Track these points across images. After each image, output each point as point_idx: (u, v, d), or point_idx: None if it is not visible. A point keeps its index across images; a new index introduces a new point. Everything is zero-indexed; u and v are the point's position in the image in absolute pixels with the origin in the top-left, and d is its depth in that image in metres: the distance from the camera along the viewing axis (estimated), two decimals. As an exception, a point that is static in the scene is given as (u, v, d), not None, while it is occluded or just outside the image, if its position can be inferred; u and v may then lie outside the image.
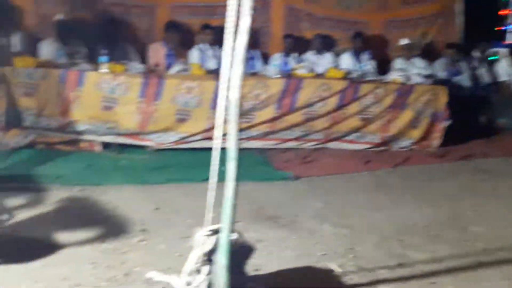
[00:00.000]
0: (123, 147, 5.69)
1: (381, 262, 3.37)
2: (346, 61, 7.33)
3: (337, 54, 7.52)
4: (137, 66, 6.00)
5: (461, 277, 3.24)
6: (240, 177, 2.54)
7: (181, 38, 6.80)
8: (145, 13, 6.85)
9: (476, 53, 8.43)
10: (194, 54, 6.73)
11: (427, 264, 3.40)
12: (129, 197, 4.33)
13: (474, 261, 3.47)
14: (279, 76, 6.22)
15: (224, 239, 2.53)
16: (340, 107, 6.29)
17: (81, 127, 5.53)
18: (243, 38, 2.39)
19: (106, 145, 5.64)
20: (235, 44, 2.43)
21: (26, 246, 3.31)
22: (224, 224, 2.54)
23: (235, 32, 2.45)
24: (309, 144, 6.30)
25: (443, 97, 6.58)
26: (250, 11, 2.35)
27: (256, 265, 3.05)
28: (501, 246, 3.74)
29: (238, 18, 2.41)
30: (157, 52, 6.67)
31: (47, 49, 6.10)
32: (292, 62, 7.11)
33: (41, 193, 4.29)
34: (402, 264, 3.37)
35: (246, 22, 2.37)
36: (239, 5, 2.37)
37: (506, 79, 7.98)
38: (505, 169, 6.05)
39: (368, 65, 7.27)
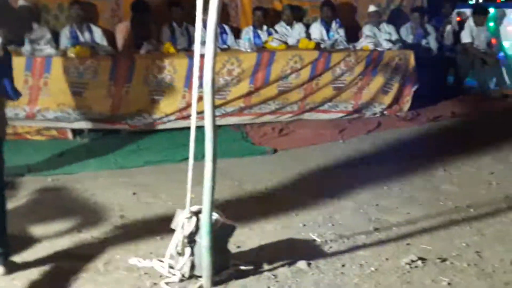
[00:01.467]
0: (96, 132, 5.64)
1: (358, 228, 3.49)
2: (316, 30, 7.32)
3: (307, 24, 7.52)
4: (105, 48, 5.94)
5: (435, 235, 3.39)
6: (218, 154, 2.59)
7: (149, 17, 6.70)
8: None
9: (441, 16, 8.49)
10: (163, 33, 6.66)
11: (402, 226, 3.54)
12: (105, 184, 4.31)
13: (446, 220, 3.65)
14: (251, 50, 6.21)
15: (205, 220, 2.58)
16: (313, 77, 6.31)
17: (50, 114, 5.42)
18: (214, 15, 2.41)
19: (78, 132, 5.58)
20: (205, 21, 2.45)
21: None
22: (205, 205, 2.60)
23: (205, 8, 2.46)
24: (284, 116, 6.34)
25: (411, 61, 6.67)
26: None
27: (238, 242, 3.13)
28: (470, 203, 3.93)
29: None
30: (125, 31, 6.58)
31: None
32: (263, 34, 7.09)
33: (12, 185, 4.16)
34: (378, 228, 3.50)
35: (214, 2, 2.38)
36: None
37: (471, 40, 8.06)
38: (471, 128, 6.26)
39: (338, 33, 7.28)
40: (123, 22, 6.63)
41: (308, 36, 7.19)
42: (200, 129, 2.62)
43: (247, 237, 3.27)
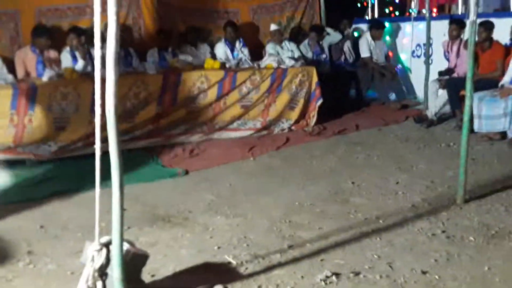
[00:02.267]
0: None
1: (273, 247, 3.53)
2: (221, 50, 7.44)
3: (212, 45, 7.60)
4: (4, 76, 5.69)
5: (347, 249, 3.48)
6: (128, 180, 2.55)
7: (51, 43, 6.49)
8: (8, 20, 6.48)
9: (339, 32, 8.86)
10: (64, 58, 6.47)
11: (316, 241, 3.61)
12: (10, 218, 4.10)
13: (357, 232, 3.75)
14: (157, 72, 6.18)
15: (115, 251, 2.53)
16: (220, 97, 6.40)
17: (-52, 148, 5.15)
18: (113, 45, 2.38)
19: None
20: (104, 50, 2.41)
21: None
22: (114, 236, 2.55)
23: (103, 36, 2.42)
24: (194, 137, 6.34)
25: (314, 77, 6.93)
26: (115, 17, 2.34)
27: (152, 270, 3.08)
28: (379, 215, 4.07)
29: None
30: (26, 59, 6.34)
31: None
32: (168, 56, 7.09)
33: None
34: (292, 245, 3.55)
35: (113, 29, 2.36)
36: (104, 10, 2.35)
37: (369, 54, 8.47)
38: (375, 139, 6.53)
39: (242, 52, 7.44)
40: (22, 49, 6.39)
41: (213, 56, 7.28)
42: (108, 155, 2.56)
43: (161, 265, 3.22)
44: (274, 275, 3.12)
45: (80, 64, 6.24)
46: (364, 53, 8.50)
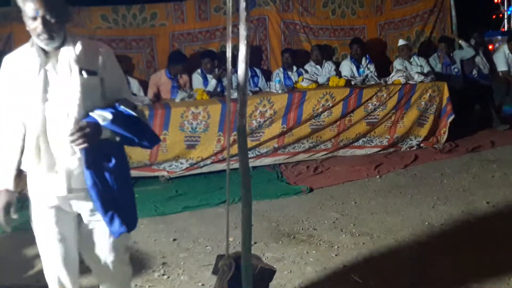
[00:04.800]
0: (135, 180, 5.75)
1: (401, 268, 3.41)
2: (346, 68, 7.39)
3: (337, 63, 7.59)
4: (141, 98, 6.10)
5: (488, 277, 3.25)
6: (254, 196, 2.59)
7: (185, 67, 6.84)
8: (145, 45, 6.98)
9: (472, 43, 8.39)
10: (196, 80, 6.81)
11: (449, 265, 3.42)
12: (146, 231, 4.37)
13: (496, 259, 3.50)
14: (282, 91, 6.28)
15: (244, 265, 2.58)
16: (345, 114, 6.34)
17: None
18: (243, 68, 2.47)
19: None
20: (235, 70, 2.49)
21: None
22: (243, 250, 2.60)
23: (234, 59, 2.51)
24: (319, 154, 6.35)
25: (445, 92, 6.62)
26: (246, 41, 2.42)
27: (278, 285, 3.11)
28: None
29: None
30: (160, 82, 6.75)
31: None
32: (293, 75, 7.19)
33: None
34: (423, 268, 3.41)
35: (243, 53, 2.44)
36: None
37: (505, 68, 7.94)
38: (512, 158, 6.07)
39: (368, 69, 7.33)
40: (157, 72, 6.82)
41: (338, 73, 7.24)
42: (235, 171, 2.64)
43: (287, 280, 3.24)
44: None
45: (211, 86, 6.54)
46: (501, 66, 7.98)
